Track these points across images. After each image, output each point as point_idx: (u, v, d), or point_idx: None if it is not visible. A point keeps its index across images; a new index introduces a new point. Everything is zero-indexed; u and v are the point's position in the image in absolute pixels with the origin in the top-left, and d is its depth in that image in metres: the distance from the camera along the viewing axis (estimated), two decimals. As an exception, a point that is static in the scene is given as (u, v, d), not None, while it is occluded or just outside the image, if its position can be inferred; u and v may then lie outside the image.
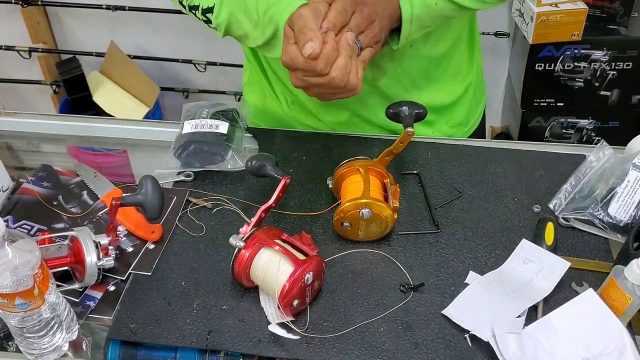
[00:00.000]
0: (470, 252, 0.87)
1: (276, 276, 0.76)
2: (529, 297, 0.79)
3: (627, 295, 0.74)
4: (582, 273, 0.84)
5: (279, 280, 0.75)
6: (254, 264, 0.78)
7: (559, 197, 0.94)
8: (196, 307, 0.80)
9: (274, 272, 0.76)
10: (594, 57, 1.89)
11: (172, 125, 1.12)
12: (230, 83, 2.31)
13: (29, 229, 0.91)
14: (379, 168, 0.89)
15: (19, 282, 0.67)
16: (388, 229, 0.87)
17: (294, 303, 0.76)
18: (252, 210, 0.92)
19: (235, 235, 0.79)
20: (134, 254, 0.87)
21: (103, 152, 1.17)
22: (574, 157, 1.02)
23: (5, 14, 2.17)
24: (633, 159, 0.91)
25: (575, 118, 2.04)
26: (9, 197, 0.96)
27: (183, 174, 0.99)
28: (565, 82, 1.95)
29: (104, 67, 2.21)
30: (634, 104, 2.00)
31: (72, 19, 2.23)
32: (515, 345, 0.73)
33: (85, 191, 0.98)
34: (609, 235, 0.89)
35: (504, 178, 0.99)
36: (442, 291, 0.82)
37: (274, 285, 0.76)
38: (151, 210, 0.82)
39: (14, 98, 2.45)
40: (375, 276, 0.84)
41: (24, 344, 0.74)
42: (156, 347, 0.77)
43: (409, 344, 0.76)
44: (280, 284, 0.75)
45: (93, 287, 0.83)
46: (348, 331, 0.77)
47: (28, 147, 1.18)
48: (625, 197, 0.90)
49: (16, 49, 2.18)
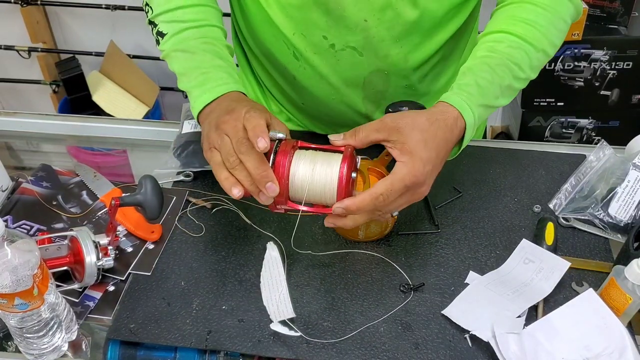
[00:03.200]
0: (471, 252, 0.87)
1: (329, 164, 0.72)
2: (529, 297, 0.79)
3: (628, 296, 0.74)
4: (582, 273, 0.84)
5: (333, 169, 0.71)
6: (294, 166, 0.72)
7: (559, 197, 0.94)
8: (196, 307, 0.80)
9: (323, 164, 0.72)
10: (594, 57, 1.89)
11: (172, 125, 1.12)
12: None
13: (29, 229, 0.91)
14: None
15: (18, 282, 0.67)
16: (388, 229, 0.87)
17: (353, 175, 0.73)
18: (252, 210, 0.92)
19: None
20: (134, 254, 0.87)
21: (102, 152, 1.17)
22: (574, 157, 1.02)
23: (4, 13, 2.17)
24: (633, 158, 0.91)
25: (575, 118, 2.04)
26: (9, 197, 0.96)
27: (183, 174, 0.99)
28: (566, 81, 1.95)
29: (103, 66, 2.21)
30: (634, 103, 2.00)
31: (71, 19, 2.23)
32: (515, 345, 0.73)
33: (85, 191, 0.98)
34: (609, 235, 0.89)
35: (504, 178, 0.99)
36: (442, 291, 0.82)
37: (327, 176, 0.71)
38: (151, 210, 0.81)
39: (14, 98, 2.45)
40: (375, 276, 0.84)
41: (24, 344, 0.74)
42: (156, 347, 0.77)
43: (409, 344, 0.76)
44: (335, 172, 0.71)
45: (92, 287, 0.83)
46: (350, 336, 0.76)
47: (27, 146, 1.18)
48: (625, 197, 0.89)
49: (16, 49, 2.18)
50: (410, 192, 0.73)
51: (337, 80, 0.96)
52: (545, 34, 0.84)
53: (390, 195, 0.71)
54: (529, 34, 0.83)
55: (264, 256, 0.83)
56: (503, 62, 0.81)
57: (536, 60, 0.84)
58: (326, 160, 0.72)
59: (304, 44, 0.92)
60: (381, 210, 0.73)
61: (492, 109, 0.83)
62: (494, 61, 0.81)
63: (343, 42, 0.91)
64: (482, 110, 0.80)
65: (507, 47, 0.82)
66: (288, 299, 0.78)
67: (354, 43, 0.91)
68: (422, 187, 0.74)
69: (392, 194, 0.71)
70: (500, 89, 0.81)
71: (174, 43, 0.87)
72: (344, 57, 0.93)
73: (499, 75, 0.81)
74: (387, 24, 0.89)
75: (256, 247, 0.87)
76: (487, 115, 0.84)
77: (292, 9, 0.89)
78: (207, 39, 0.87)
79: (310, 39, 0.91)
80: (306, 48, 0.92)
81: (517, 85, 0.84)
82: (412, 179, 0.72)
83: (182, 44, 0.87)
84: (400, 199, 0.73)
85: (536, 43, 0.83)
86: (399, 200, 0.73)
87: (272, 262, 0.82)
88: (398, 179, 0.72)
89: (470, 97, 0.78)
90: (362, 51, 0.92)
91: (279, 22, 0.91)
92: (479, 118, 0.79)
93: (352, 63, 0.93)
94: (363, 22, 0.88)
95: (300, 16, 0.89)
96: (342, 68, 0.94)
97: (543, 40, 0.84)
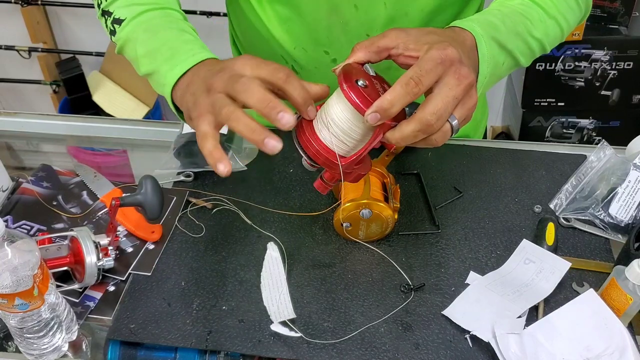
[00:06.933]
0: (471, 252, 0.87)
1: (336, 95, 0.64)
2: (529, 298, 0.79)
3: (628, 296, 0.74)
4: (582, 273, 0.84)
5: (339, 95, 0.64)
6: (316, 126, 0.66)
7: (559, 197, 0.94)
8: (196, 307, 0.80)
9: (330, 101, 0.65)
10: (594, 57, 1.89)
11: (172, 125, 1.12)
12: (230, 83, 2.30)
13: (29, 229, 0.91)
14: (379, 168, 0.89)
15: (18, 282, 0.67)
16: (388, 229, 0.87)
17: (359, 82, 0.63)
18: (252, 211, 0.92)
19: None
20: (134, 254, 0.87)
21: (103, 152, 1.17)
22: (574, 157, 1.02)
23: (5, 13, 2.17)
24: (634, 159, 0.91)
25: (575, 118, 2.04)
26: (9, 197, 0.96)
27: (183, 174, 0.99)
28: (566, 81, 1.95)
29: (103, 66, 2.21)
30: (635, 103, 2.00)
31: (72, 19, 2.23)
32: (515, 345, 0.73)
33: (85, 191, 0.98)
34: (610, 236, 0.89)
35: (504, 178, 0.99)
36: (443, 291, 0.82)
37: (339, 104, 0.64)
38: (151, 210, 0.81)
39: (14, 98, 2.45)
40: (376, 276, 0.84)
41: (24, 345, 0.74)
42: (156, 348, 0.77)
43: (409, 344, 0.76)
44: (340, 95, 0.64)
45: (93, 287, 0.83)
46: (350, 337, 0.76)
47: (28, 147, 1.18)
48: (626, 197, 0.89)
49: (16, 49, 2.18)
50: (449, 72, 0.61)
51: None
52: (555, 4, 0.81)
53: (423, 76, 0.59)
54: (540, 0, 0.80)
55: (264, 256, 0.84)
56: (513, 11, 0.76)
57: (550, 28, 0.79)
58: (332, 97, 0.65)
59: (304, 58, 0.91)
60: (428, 107, 0.60)
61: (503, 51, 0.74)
62: (505, 10, 0.76)
63: (345, 56, 0.90)
64: (493, 45, 0.71)
65: (518, 3, 0.79)
66: (288, 299, 0.78)
67: None
68: (460, 65, 0.61)
69: (425, 75, 0.59)
70: (511, 32, 0.74)
71: (134, 25, 0.80)
72: None
73: (512, 20, 0.74)
74: None
75: (256, 248, 0.87)
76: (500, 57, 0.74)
77: (293, 25, 0.88)
78: (170, 18, 0.81)
79: (311, 53, 0.90)
80: (307, 62, 0.91)
81: (531, 43, 0.77)
82: (440, 53, 0.60)
83: (144, 25, 0.80)
84: (442, 84, 0.60)
85: (547, 8, 0.79)
86: (442, 85, 0.60)
87: (273, 263, 0.82)
88: (425, 59, 0.60)
89: (479, 25, 0.70)
90: None
91: (279, 36, 0.90)
92: (490, 51, 0.70)
93: None
94: (365, 37, 0.87)
95: (300, 32, 0.89)
96: None
97: (553, 8, 0.80)
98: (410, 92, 0.60)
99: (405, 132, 0.62)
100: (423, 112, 0.61)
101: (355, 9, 0.85)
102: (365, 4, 0.84)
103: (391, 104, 0.59)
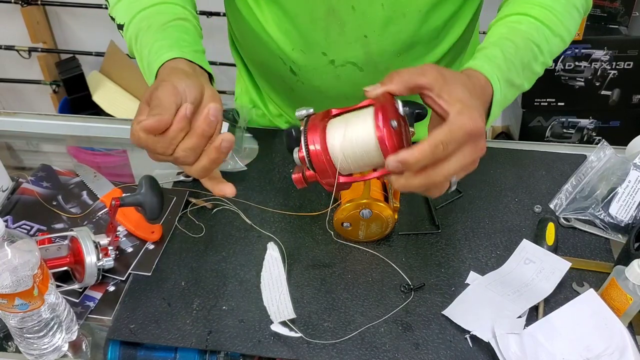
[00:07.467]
0: (471, 252, 0.87)
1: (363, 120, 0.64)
2: (529, 298, 0.79)
3: (628, 296, 0.74)
4: (582, 273, 0.84)
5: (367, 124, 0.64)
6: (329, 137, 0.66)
7: (559, 197, 0.94)
8: (196, 307, 0.80)
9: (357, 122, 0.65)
10: (594, 57, 1.89)
11: (172, 125, 1.11)
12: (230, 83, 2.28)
13: (29, 229, 0.91)
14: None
15: (18, 282, 0.67)
16: (388, 229, 0.87)
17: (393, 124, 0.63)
18: (252, 211, 0.92)
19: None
20: (134, 254, 0.87)
21: (103, 152, 1.16)
22: (574, 157, 1.02)
23: (5, 13, 2.17)
24: (634, 159, 0.91)
25: (576, 118, 2.04)
26: (9, 197, 0.96)
27: (183, 174, 0.99)
28: (566, 81, 1.95)
29: (103, 66, 2.21)
30: (635, 103, 2.00)
31: (71, 19, 2.23)
32: (516, 345, 0.73)
33: (85, 191, 0.98)
34: (610, 236, 0.89)
35: (504, 178, 0.99)
36: (443, 291, 0.82)
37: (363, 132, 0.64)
38: (151, 210, 0.81)
39: (14, 98, 2.45)
40: (376, 276, 0.84)
41: (24, 345, 0.74)
42: (156, 348, 0.77)
43: (409, 344, 0.76)
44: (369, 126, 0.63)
45: (93, 287, 0.83)
46: (350, 337, 0.76)
47: (27, 147, 1.18)
48: (626, 197, 0.89)
49: (16, 49, 2.18)
50: (471, 143, 0.63)
51: (336, 94, 0.95)
52: (562, 20, 0.81)
53: (450, 144, 0.61)
54: (547, 18, 0.80)
55: (264, 256, 0.84)
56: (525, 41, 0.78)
57: (554, 46, 0.81)
58: (360, 117, 0.65)
59: (302, 59, 0.91)
60: (441, 170, 0.63)
61: (513, 89, 0.76)
62: (517, 39, 0.77)
63: (343, 58, 0.90)
64: (507, 87, 0.73)
65: (527, 27, 0.79)
66: (288, 299, 0.78)
67: (354, 59, 0.90)
68: (481, 138, 0.64)
69: (452, 142, 0.61)
70: (522, 67, 0.76)
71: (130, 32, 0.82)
72: (343, 72, 0.92)
73: (522, 52, 0.76)
74: (388, 40, 0.88)
75: (256, 248, 0.87)
76: (509, 96, 0.77)
77: (290, 26, 0.88)
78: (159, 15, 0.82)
79: (309, 55, 0.90)
80: (305, 64, 0.91)
81: (537, 68, 0.79)
82: (471, 125, 0.62)
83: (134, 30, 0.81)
84: (460, 153, 0.63)
85: (554, 27, 0.80)
86: (460, 154, 0.63)
87: (273, 263, 0.82)
88: (457, 126, 0.62)
89: (498, 69, 0.72)
90: (362, 66, 0.91)
91: (277, 37, 0.90)
92: (503, 95, 0.72)
93: (352, 78, 0.92)
94: (363, 38, 0.87)
95: (298, 34, 0.89)
96: (342, 83, 0.93)
97: (559, 25, 0.81)
98: (436, 155, 0.61)
99: (412, 184, 0.63)
100: (435, 173, 0.63)
101: (353, 10, 0.85)
102: (363, 5, 0.84)
103: (416, 160, 0.61)
